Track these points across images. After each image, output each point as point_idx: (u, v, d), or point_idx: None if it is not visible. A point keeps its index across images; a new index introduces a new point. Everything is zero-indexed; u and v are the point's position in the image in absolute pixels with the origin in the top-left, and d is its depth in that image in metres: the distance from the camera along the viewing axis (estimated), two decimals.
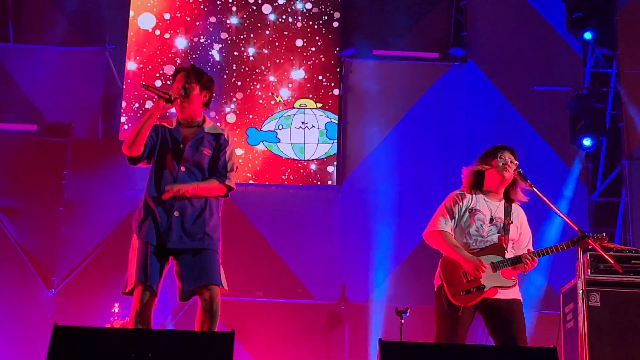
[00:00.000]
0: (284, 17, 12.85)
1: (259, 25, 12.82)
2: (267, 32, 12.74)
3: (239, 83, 12.54)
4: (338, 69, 12.56)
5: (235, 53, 12.68)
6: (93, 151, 11.58)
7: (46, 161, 11.20)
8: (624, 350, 6.59)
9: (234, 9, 12.83)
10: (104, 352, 4.56)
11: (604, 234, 5.82)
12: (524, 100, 11.79)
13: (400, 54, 12.36)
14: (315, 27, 12.76)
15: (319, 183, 12.26)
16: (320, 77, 12.61)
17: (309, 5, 12.81)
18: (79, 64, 12.03)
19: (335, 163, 12.22)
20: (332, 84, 12.55)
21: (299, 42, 12.67)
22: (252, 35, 12.73)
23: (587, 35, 11.59)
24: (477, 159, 5.98)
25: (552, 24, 12.04)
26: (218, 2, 12.82)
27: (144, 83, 5.50)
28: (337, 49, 12.63)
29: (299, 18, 12.82)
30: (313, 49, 12.68)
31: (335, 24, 12.71)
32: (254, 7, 12.82)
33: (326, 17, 12.77)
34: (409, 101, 11.92)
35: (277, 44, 12.72)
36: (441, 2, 12.89)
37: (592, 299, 6.65)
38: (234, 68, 12.61)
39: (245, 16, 12.83)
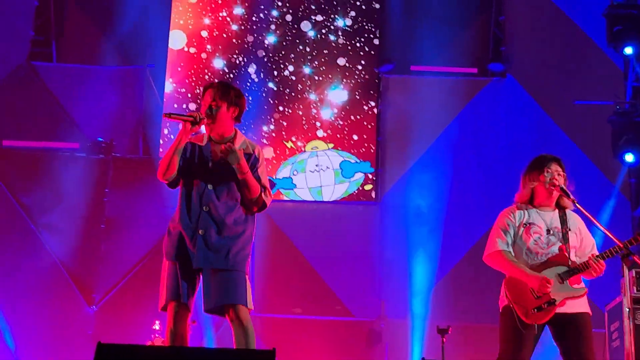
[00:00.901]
0: (323, 32, 12.85)
1: (298, 42, 12.84)
2: (307, 50, 12.77)
3: (277, 102, 12.56)
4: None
5: (275, 72, 12.69)
6: (134, 169, 11.64)
7: (88, 179, 11.22)
8: None
9: (273, 27, 12.87)
10: None
11: None
12: (564, 115, 11.75)
13: (438, 70, 12.38)
14: (356, 44, 12.75)
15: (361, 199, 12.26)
16: (358, 95, 12.58)
17: (348, 22, 12.82)
18: (120, 83, 12.13)
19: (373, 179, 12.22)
20: (371, 102, 12.52)
21: (341, 61, 12.69)
22: (291, 55, 12.76)
23: (628, 50, 11.48)
24: (525, 173, 5.83)
25: (593, 37, 11.98)
26: (255, 20, 12.85)
27: (166, 112, 5.51)
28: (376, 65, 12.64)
29: (340, 34, 12.82)
30: (352, 66, 12.67)
31: (376, 41, 12.71)
32: (293, 25, 12.85)
33: (365, 35, 12.77)
34: (447, 117, 11.92)
35: (316, 62, 12.74)
36: (480, 17, 12.84)
37: (638, 317, 6.52)
38: (272, 87, 12.61)
39: (283, 34, 12.86)
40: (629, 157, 11.15)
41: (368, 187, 12.21)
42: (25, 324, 10.67)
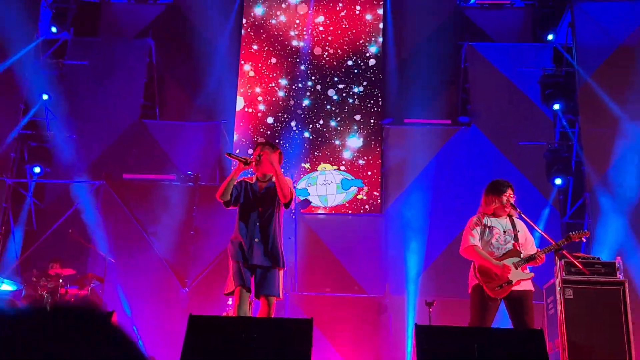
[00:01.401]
0: (344, 96, 12.83)
1: (325, 103, 12.82)
2: (332, 109, 12.75)
3: (312, 146, 12.55)
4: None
5: (310, 125, 12.67)
6: (213, 193, 11.38)
7: (181, 200, 11.13)
8: (591, 329, 6.41)
9: (307, 93, 12.87)
10: (223, 332, 4.64)
11: (587, 230, 6.19)
12: (512, 152, 11.58)
13: (423, 121, 12.20)
14: (367, 104, 12.72)
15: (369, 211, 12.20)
16: (368, 140, 12.56)
17: (361, 89, 12.79)
18: (203, 133, 12.03)
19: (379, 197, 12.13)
20: (378, 145, 12.46)
21: (357, 117, 12.66)
22: (321, 113, 12.73)
23: (556, 106, 11.51)
24: (488, 193, 5.87)
25: (531, 98, 11.81)
26: (295, 88, 12.84)
27: (227, 152, 5.81)
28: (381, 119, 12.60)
29: (355, 98, 12.79)
30: (364, 120, 12.63)
31: (380, 102, 12.68)
32: (322, 91, 12.84)
33: (374, 98, 12.73)
34: (430, 154, 11.74)
35: (339, 118, 12.70)
36: (452, 84, 12.80)
37: (567, 293, 6.46)
38: (308, 136, 12.60)
39: (315, 98, 12.86)
40: (558, 181, 11.11)
41: (360, 196, 12.18)
42: (138, 300, 10.58)
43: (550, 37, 11.94)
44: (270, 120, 12.70)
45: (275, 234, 5.53)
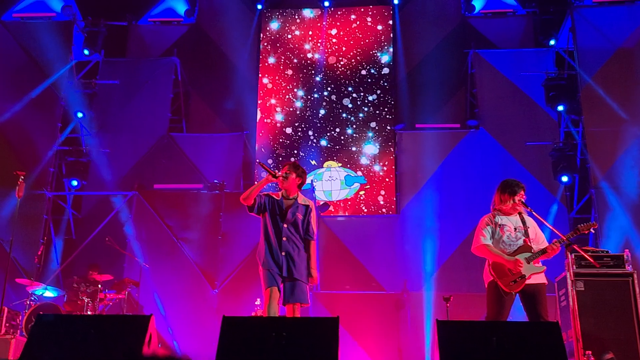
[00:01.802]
0: (358, 104, 12.83)
1: (341, 111, 12.83)
2: (348, 117, 12.72)
3: (329, 154, 12.54)
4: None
5: (327, 133, 12.68)
6: (238, 200, 11.38)
7: (209, 207, 11.07)
8: (602, 320, 6.38)
9: (324, 103, 12.89)
10: (254, 332, 4.62)
11: (595, 222, 6.02)
12: (520, 153, 11.57)
13: (433, 126, 12.24)
14: (381, 112, 12.73)
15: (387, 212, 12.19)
16: (383, 146, 12.53)
17: (375, 97, 12.80)
18: (227, 144, 12.11)
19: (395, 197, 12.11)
20: (392, 150, 12.45)
21: (372, 124, 12.66)
22: (337, 122, 12.73)
23: (560, 107, 11.50)
24: (501, 192, 5.78)
25: (536, 100, 11.81)
26: (311, 98, 12.87)
27: (260, 161, 5.88)
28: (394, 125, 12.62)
29: (369, 105, 12.78)
30: (379, 127, 12.62)
31: (393, 110, 12.69)
32: (338, 101, 12.85)
33: (388, 105, 12.73)
34: (441, 157, 11.78)
35: (354, 125, 12.69)
36: (460, 90, 12.80)
37: (578, 285, 6.45)
38: (325, 144, 12.61)
39: (331, 107, 12.85)
40: (564, 179, 11.10)
41: (362, 192, 12.20)
42: (172, 302, 10.54)
43: (552, 42, 11.96)
44: (288, 130, 12.74)
45: (302, 251, 5.65)
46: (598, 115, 10.96)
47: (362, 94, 12.84)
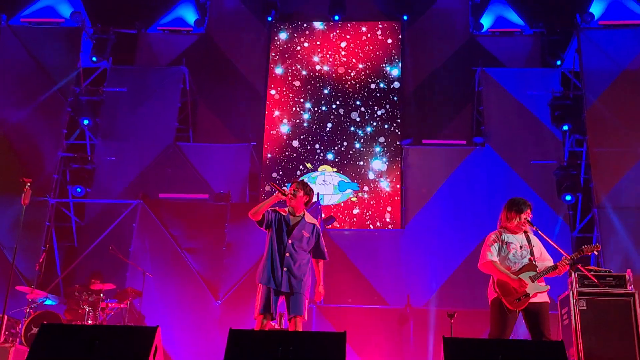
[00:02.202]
0: (366, 118, 12.95)
1: (349, 124, 12.95)
2: (356, 131, 12.88)
3: (336, 168, 12.64)
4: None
5: (334, 147, 12.78)
6: (243, 210, 11.07)
7: (214, 217, 11.11)
8: (604, 339, 6.54)
9: (331, 116, 13.02)
10: (260, 345, 4.76)
11: (598, 244, 6.06)
12: (524, 171, 11.72)
13: (440, 142, 12.38)
14: (390, 127, 12.85)
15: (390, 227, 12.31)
16: (390, 160, 12.66)
17: (383, 111, 12.92)
18: (233, 154, 12.17)
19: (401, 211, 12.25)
20: (399, 165, 12.55)
21: (381, 139, 12.79)
22: (344, 136, 12.86)
23: (565, 127, 11.72)
24: (508, 210, 5.87)
25: (541, 119, 11.98)
26: (318, 111, 12.99)
27: (272, 181, 6.18)
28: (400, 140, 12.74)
29: (377, 120, 12.92)
30: (386, 142, 12.76)
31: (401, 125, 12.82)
32: (346, 114, 12.99)
33: (396, 120, 12.86)
34: (447, 173, 11.89)
35: (362, 140, 12.83)
36: (466, 107, 12.95)
37: (581, 304, 6.58)
38: (331, 157, 12.73)
39: (339, 121, 12.98)
40: (568, 197, 11.25)
41: (354, 198, 12.33)
42: (175, 312, 10.46)
43: (558, 62, 12.21)
44: (295, 143, 12.87)
45: (305, 267, 5.88)
46: (602, 135, 11.18)
47: (371, 107, 12.97)
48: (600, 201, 10.96)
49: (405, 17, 13.32)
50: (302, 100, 13.13)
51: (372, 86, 13.13)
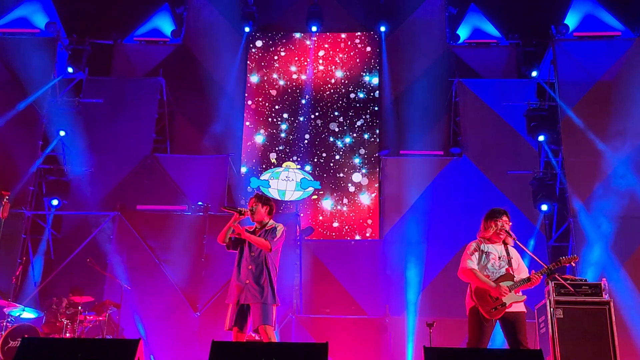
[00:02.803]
0: (345, 129, 13.04)
1: (328, 135, 13.02)
2: (335, 142, 12.96)
3: (314, 179, 12.74)
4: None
5: (314, 159, 12.84)
6: (222, 222, 11.28)
7: (192, 229, 11.12)
8: (581, 347, 6.65)
9: (309, 128, 13.06)
10: (243, 356, 4.80)
11: (576, 255, 6.19)
12: (501, 181, 11.81)
13: (418, 153, 12.42)
14: (370, 138, 12.97)
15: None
16: (368, 173, 12.77)
17: (362, 122, 13.02)
18: (212, 166, 12.13)
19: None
20: (376, 176, 12.66)
21: (362, 151, 12.89)
22: (322, 147, 12.93)
23: (541, 137, 11.85)
24: (486, 220, 6.01)
25: (517, 130, 12.12)
26: (296, 122, 13.06)
27: (224, 205, 6.28)
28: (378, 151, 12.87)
29: (357, 131, 13.01)
30: (366, 153, 12.86)
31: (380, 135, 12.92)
32: (324, 126, 13.03)
33: (375, 131, 12.99)
34: (425, 183, 11.94)
35: (341, 152, 12.90)
36: (443, 118, 13.05)
37: (557, 312, 6.68)
38: (309, 170, 12.78)
39: (317, 132, 13.06)
40: (544, 207, 11.40)
41: (314, 197, 12.44)
42: (153, 324, 10.53)
43: (534, 73, 12.33)
44: (272, 155, 12.90)
45: (265, 275, 5.93)
46: (577, 145, 11.35)
47: (350, 119, 13.05)
48: (576, 211, 11.09)
49: (383, 29, 13.43)
50: (279, 109, 13.18)
51: (352, 96, 13.22)
